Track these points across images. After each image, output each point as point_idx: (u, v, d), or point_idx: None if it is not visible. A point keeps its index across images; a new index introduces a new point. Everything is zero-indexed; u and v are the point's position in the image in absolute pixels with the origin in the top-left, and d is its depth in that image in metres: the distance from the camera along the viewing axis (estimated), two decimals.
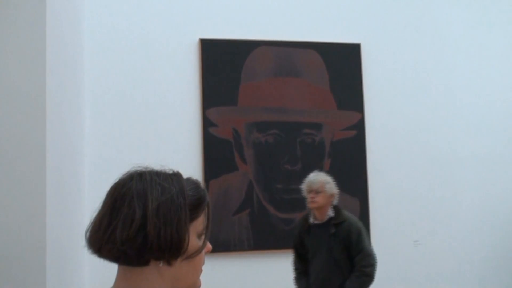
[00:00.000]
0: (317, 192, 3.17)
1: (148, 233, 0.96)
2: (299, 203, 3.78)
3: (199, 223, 1.05)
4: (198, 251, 1.05)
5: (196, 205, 1.04)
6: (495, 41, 4.28)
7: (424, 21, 4.18)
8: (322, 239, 3.21)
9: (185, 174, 1.09)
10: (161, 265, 1.01)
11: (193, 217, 1.03)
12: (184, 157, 3.66)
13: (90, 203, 0.90)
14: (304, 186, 3.27)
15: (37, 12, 2.55)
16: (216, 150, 3.73)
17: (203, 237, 1.07)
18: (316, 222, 3.25)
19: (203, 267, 1.10)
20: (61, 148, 2.87)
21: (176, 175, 1.05)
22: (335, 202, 3.25)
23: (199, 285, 1.10)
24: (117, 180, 1.02)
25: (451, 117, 4.12)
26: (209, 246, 1.09)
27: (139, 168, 1.05)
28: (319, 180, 3.21)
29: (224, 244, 3.64)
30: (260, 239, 3.72)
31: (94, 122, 3.58)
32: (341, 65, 3.99)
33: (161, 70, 3.72)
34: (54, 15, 2.72)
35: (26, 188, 2.44)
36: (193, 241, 1.03)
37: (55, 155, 2.67)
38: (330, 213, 3.22)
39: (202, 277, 1.10)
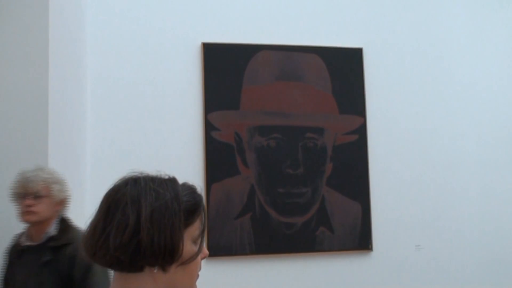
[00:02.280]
0: (37, 196, 2.09)
1: (141, 239, 0.95)
2: (301, 207, 3.77)
3: (195, 229, 1.04)
4: (194, 256, 1.04)
5: (191, 211, 1.03)
6: (499, 46, 4.26)
7: (426, 26, 4.17)
8: (32, 271, 2.07)
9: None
10: (155, 271, 1.00)
11: (188, 222, 1.02)
12: (186, 161, 3.66)
13: (92, 206, 0.91)
14: (15, 187, 2.13)
15: (39, 13, 2.56)
16: (218, 154, 3.72)
17: (198, 242, 1.07)
18: (29, 243, 2.13)
19: (200, 273, 1.09)
20: (63, 150, 2.87)
21: (172, 181, 1.04)
22: (63, 213, 2.19)
23: None
24: (112, 186, 1.02)
25: (454, 121, 4.10)
26: (205, 251, 1.08)
27: (135, 174, 1.04)
28: (43, 179, 2.13)
29: (225, 248, 3.63)
30: (262, 243, 3.71)
31: (95, 125, 3.59)
32: (343, 69, 3.97)
33: (163, 73, 3.72)
34: (56, 19, 2.73)
35: None
36: (188, 246, 1.02)
37: (57, 156, 2.67)
38: (52, 230, 2.12)
39: (203, 282, 1.09)
